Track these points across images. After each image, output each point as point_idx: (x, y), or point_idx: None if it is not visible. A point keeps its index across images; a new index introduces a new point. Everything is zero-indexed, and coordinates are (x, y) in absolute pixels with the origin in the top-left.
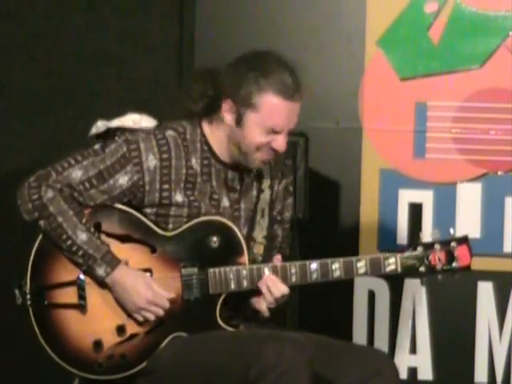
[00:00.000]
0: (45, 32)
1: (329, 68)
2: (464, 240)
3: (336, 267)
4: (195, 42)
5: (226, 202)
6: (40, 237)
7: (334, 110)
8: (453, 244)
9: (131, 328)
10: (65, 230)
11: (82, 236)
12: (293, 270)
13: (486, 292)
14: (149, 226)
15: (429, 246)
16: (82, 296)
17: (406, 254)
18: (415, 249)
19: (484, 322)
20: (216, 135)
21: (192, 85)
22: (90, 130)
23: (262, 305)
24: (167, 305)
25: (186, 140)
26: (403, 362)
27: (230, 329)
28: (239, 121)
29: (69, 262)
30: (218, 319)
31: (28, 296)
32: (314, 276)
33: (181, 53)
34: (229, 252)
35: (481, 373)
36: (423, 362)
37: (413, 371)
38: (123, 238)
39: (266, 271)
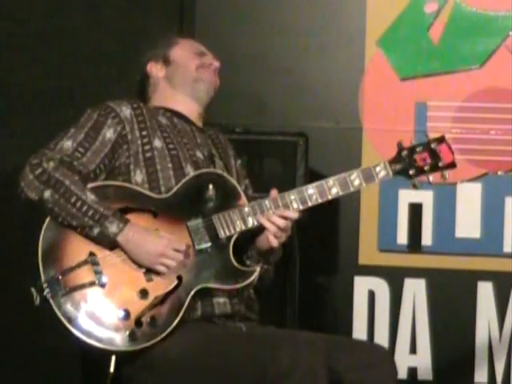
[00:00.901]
0: (45, 32)
1: (329, 68)
2: (442, 139)
3: (331, 185)
4: None
5: (200, 155)
6: (43, 230)
7: (334, 110)
8: (433, 145)
9: (153, 290)
10: (73, 191)
11: (91, 196)
12: (292, 197)
13: (485, 292)
14: (144, 193)
15: (412, 150)
16: (97, 271)
17: (392, 158)
18: (399, 154)
19: (484, 322)
20: (163, 98)
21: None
22: None
23: (270, 237)
24: (183, 246)
25: (147, 107)
26: (403, 362)
27: (246, 270)
28: (167, 62)
29: (76, 244)
30: (234, 262)
31: (46, 290)
32: (314, 198)
33: None
34: (226, 198)
35: (481, 373)
36: (423, 362)
37: (413, 371)
38: (123, 211)
39: (267, 202)
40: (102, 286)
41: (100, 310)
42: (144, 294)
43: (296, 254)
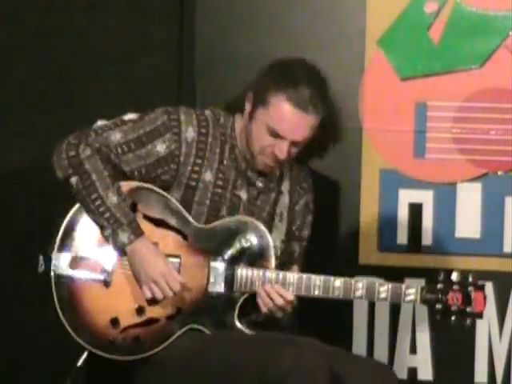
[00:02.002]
0: (45, 32)
1: (329, 68)
2: (481, 287)
3: (359, 287)
4: (195, 42)
5: (244, 195)
6: (74, 207)
7: None
8: (470, 288)
9: (151, 312)
10: (97, 188)
11: (113, 198)
12: (317, 283)
13: (486, 292)
14: (184, 214)
15: (448, 285)
16: (107, 271)
17: (427, 287)
18: (435, 285)
19: (484, 322)
20: (241, 126)
21: None
22: None
23: (260, 302)
24: (178, 287)
25: (219, 124)
26: (403, 362)
27: (245, 330)
28: (252, 114)
29: (99, 237)
30: (236, 319)
31: (53, 262)
32: (336, 293)
33: (181, 53)
34: (257, 255)
35: (481, 373)
36: (423, 362)
37: (413, 371)
38: (157, 222)
39: (292, 277)
40: (106, 285)
41: (93, 307)
42: (141, 310)
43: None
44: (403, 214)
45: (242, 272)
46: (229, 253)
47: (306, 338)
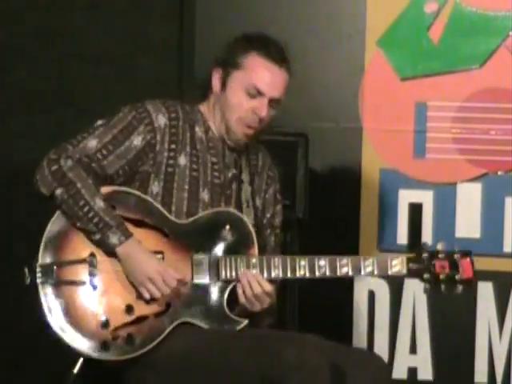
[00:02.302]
0: (45, 32)
1: (329, 68)
2: (468, 253)
3: (344, 263)
4: (195, 42)
5: (221, 178)
6: (55, 216)
7: (334, 110)
8: (456, 255)
9: (139, 309)
10: (83, 195)
11: (100, 203)
12: (302, 262)
13: (486, 292)
14: (162, 212)
15: (434, 254)
16: (92, 273)
17: (412, 256)
18: (420, 254)
19: (484, 322)
20: (210, 111)
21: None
22: None
23: (239, 291)
24: (174, 283)
25: (187, 112)
26: (403, 362)
27: (235, 318)
28: (224, 83)
29: (81, 241)
30: (225, 308)
31: (38, 274)
32: (323, 270)
33: (181, 53)
34: (239, 243)
35: (481, 373)
36: (423, 362)
37: (413, 371)
38: (137, 223)
39: (276, 260)
40: (93, 288)
41: (82, 311)
42: (129, 309)
43: (297, 253)
44: (403, 214)
45: (226, 261)
46: (211, 244)
47: (306, 335)
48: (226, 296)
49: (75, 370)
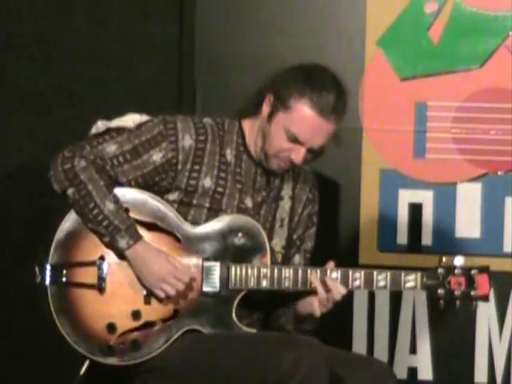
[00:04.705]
0: (45, 32)
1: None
2: (485, 269)
3: (357, 276)
4: (195, 42)
5: (249, 203)
6: (67, 215)
7: None
8: (474, 271)
9: (147, 314)
10: (93, 198)
11: (110, 206)
12: (314, 275)
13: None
14: (176, 217)
15: (450, 269)
16: (101, 277)
17: (427, 272)
18: (436, 270)
19: (484, 322)
20: (252, 128)
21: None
22: (90, 129)
23: (315, 304)
24: (187, 278)
25: (223, 130)
26: (403, 362)
27: (244, 328)
28: (271, 116)
29: (92, 243)
30: (234, 317)
31: (48, 272)
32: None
33: (181, 53)
34: (252, 251)
35: (481, 373)
36: (423, 362)
37: (413, 371)
38: (150, 227)
39: (287, 271)
40: (101, 291)
41: (89, 314)
42: (137, 314)
43: None
44: (403, 214)
45: (237, 270)
46: (222, 252)
47: (305, 337)
48: (235, 305)
49: (81, 372)
